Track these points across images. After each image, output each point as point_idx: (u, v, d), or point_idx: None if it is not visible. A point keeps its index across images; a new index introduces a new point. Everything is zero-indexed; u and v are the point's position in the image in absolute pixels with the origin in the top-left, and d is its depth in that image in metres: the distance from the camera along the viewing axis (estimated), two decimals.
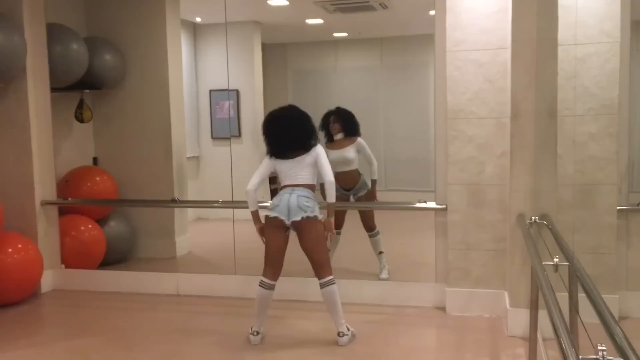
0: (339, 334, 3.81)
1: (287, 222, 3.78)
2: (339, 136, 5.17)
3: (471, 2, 4.17)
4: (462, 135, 4.26)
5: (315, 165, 3.88)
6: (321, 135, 4.86)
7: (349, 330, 3.86)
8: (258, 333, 3.89)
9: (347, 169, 5.09)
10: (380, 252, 5.11)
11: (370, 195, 5.17)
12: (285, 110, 4.01)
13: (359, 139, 5.16)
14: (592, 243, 3.84)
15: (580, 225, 3.82)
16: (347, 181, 5.10)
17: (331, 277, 3.84)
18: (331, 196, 3.89)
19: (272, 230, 3.83)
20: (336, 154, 5.02)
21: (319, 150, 3.91)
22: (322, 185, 4.04)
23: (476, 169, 4.26)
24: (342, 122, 5.19)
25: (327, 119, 5.20)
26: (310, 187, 3.91)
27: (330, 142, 5.17)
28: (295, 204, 3.77)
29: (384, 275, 5.00)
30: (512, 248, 3.94)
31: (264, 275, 3.88)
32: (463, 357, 3.69)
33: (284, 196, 3.81)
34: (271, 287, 3.88)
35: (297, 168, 3.87)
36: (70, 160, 5.72)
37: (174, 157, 5.98)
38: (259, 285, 3.88)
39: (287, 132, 3.89)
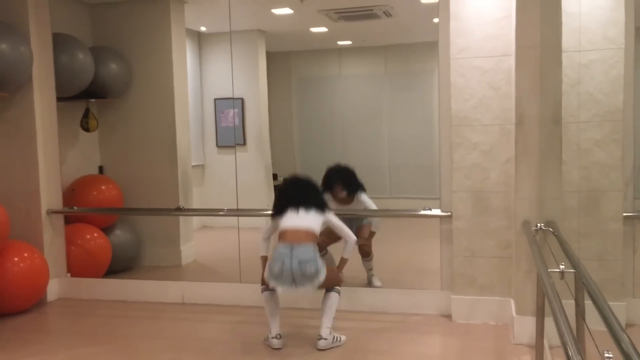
0: (319, 337, 3.86)
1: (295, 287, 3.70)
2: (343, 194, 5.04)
3: (475, 9, 4.18)
4: (466, 142, 4.26)
5: (324, 222, 3.90)
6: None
7: (334, 338, 3.91)
8: (280, 336, 3.90)
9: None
10: (370, 269, 5.12)
11: (365, 233, 5.08)
12: (301, 177, 4.12)
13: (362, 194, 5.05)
14: (598, 250, 3.82)
15: (586, 232, 3.81)
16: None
17: (338, 287, 3.91)
18: (349, 253, 3.95)
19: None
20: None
21: (330, 214, 3.94)
22: None
23: (481, 175, 4.26)
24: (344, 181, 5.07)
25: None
26: (313, 236, 3.76)
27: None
28: (299, 272, 3.60)
29: (378, 283, 5.01)
30: (518, 255, 3.93)
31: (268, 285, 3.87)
32: None
33: (285, 261, 3.61)
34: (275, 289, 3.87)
35: (304, 216, 3.80)
36: (76, 169, 5.74)
37: (179, 165, 6.00)
38: (264, 290, 3.92)
39: (304, 191, 3.96)
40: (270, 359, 3.80)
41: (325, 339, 3.84)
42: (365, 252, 5.10)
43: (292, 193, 3.96)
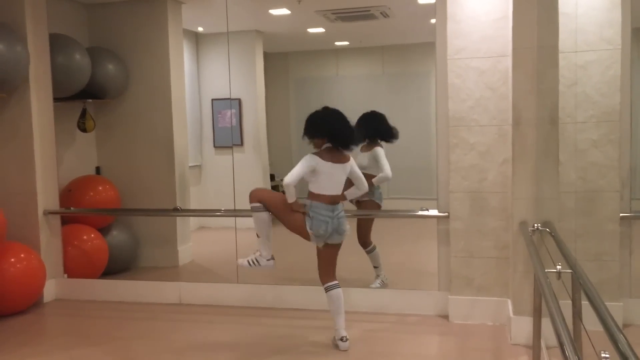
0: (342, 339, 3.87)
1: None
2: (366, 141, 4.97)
3: (472, 10, 4.19)
4: (463, 142, 4.26)
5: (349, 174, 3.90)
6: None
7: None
8: (347, 338, 3.89)
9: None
10: (376, 267, 5.04)
11: (373, 205, 5.06)
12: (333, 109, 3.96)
13: (376, 148, 4.97)
14: (594, 250, 3.83)
15: (583, 232, 3.82)
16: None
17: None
18: (351, 195, 4.11)
19: (330, 247, 3.87)
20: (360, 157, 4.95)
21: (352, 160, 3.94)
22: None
23: (478, 176, 4.26)
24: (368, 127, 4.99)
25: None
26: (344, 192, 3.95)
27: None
28: (337, 230, 3.82)
29: (375, 285, 4.95)
30: (515, 255, 3.93)
31: (332, 279, 3.90)
32: None
33: (329, 222, 3.76)
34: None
35: (341, 176, 3.86)
36: (73, 169, 5.73)
37: (177, 166, 5.99)
38: (333, 288, 3.88)
39: (347, 125, 3.85)
40: (268, 358, 3.80)
41: (347, 338, 3.88)
42: (363, 242, 5.00)
43: (337, 129, 3.82)
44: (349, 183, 4.00)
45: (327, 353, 3.86)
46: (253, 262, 3.95)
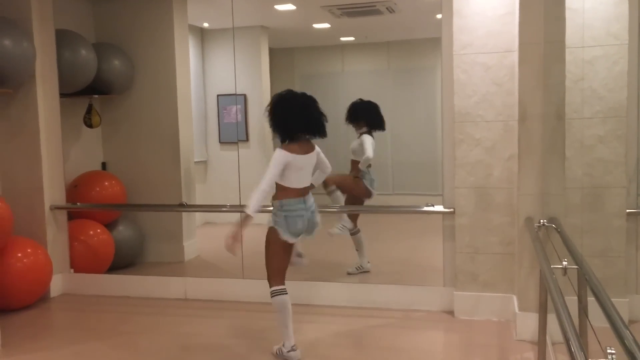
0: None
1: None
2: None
3: (478, 5, 4.17)
4: (469, 138, 4.25)
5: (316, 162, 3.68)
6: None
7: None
8: (296, 347, 3.66)
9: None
10: (357, 250, 5.22)
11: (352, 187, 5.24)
12: (296, 93, 3.64)
13: (365, 135, 5.24)
14: (601, 246, 3.82)
15: (589, 229, 3.80)
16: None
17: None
18: (317, 181, 3.84)
19: (284, 247, 3.61)
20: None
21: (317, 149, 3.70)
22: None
23: (484, 172, 4.25)
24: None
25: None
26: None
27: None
28: (312, 222, 3.63)
29: (352, 269, 5.12)
30: (521, 251, 3.93)
31: (279, 283, 3.64)
32: None
33: (304, 215, 3.54)
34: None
35: (310, 167, 3.63)
36: (79, 165, 5.75)
37: (182, 161, 6.00)
38: (283, 293, 3.61)
39: (309, 110, 3.55)
40: (273, 356, 3.80)
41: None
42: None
43: (300, 116, 3.53)
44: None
45: (333, 348, 3.87)
46: (278, 353, 3.69)
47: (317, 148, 3.72)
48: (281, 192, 3.57)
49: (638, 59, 3.76)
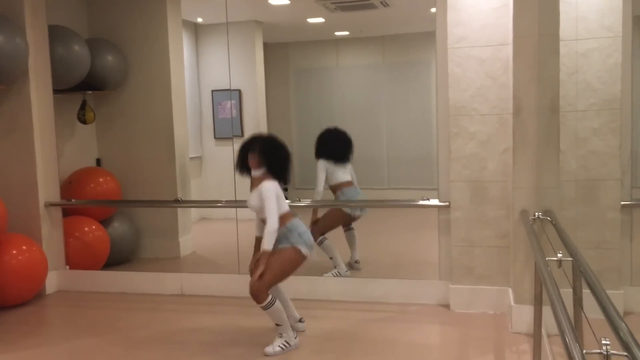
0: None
1: None
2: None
3: None
4: (464, 132, 4.26)
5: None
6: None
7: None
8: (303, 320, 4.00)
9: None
10: (331, 258, 5.06)
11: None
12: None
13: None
14: (595, 238, 3.83)
15: (584, 221, 3.82)
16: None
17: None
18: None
19: (299, 266, 3.81)
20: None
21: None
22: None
23: (479, 165, 4.26)
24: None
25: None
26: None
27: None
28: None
29: (328, 274, 4.97)
30: (516, 244, 3.94)
31: (269, 293, 3.73)
32: (467, 354, 3.69)
33: (306, 229, 3.82)
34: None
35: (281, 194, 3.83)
36: (74, 161, 5.73)
37: (177, 157, 5.99)
38: (274, 302, 3.71)
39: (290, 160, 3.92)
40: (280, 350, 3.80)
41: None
42: (320, 232, 5.07)
43: (278, 162, 3.83)
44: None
45: (328, 343, 3.87)
46: (285, 346, 3.74)
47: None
48: (281, 219, 3.71)
49: (632, 51, 3.77)
